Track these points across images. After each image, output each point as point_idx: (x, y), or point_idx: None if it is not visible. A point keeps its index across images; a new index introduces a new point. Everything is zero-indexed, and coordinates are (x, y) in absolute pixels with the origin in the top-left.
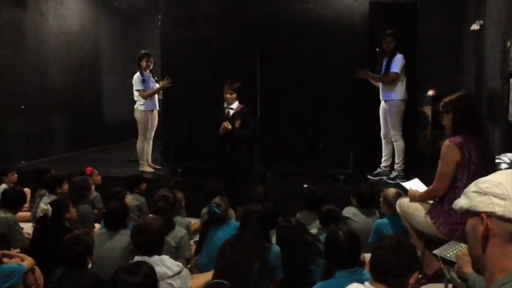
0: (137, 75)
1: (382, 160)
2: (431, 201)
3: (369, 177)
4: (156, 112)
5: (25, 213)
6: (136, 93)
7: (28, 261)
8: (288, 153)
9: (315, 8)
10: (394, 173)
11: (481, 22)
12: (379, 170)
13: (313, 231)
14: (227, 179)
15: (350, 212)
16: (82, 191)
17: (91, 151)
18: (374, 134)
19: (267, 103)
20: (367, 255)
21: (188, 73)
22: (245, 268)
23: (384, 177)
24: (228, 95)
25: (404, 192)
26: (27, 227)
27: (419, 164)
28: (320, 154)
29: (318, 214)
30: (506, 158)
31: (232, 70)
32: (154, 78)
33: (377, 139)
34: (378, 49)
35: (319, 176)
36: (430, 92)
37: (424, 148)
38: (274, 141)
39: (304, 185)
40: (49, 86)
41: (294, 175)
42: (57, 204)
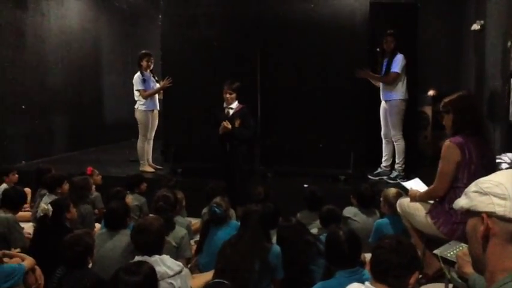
0: (138, 75)
1: (382, 160)
2: (431, 201)
3: (370, 177)
4: (157, 112)
5: (25, 213)
6: (136, 93)
7: (28, 261)
8: (288, 153)
9: (315, 8)
10: (395, 173)
11: (482, 22)
12: (379, 170)
13: (313, 231)
14: (227, 179)
15: (350, 212)
16: (82, 191)
17: (91, 151)
18: (374, 134)
19: (267, 103)
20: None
21: (188, 73)
22: (245, 268)
23: (385, 177)
24: (228, 95)
25: (404, 192)
26: (27, 227)
27: (419, 164)
28: (320, 154)
29: (319, 214)
30: (506, 158)
31: (232, 70)
32: (154, 78)
33: (377, 139)
34: (379, 49)
35: (319, 176)
36: (431, 92)
37: (425, 148)
38: (274, 141)
39: (304, 185)
40: (49, 86)
41: (295, 175)
42: (57, 204)
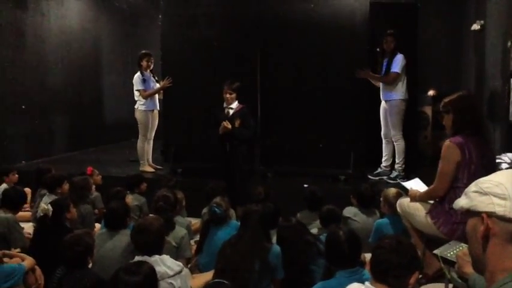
0: (138, 75)
1: (382, 160)
2: (431, 201)
3: (370, 177)
4: (157, 112)
5: (25, 213)
6: (136, 93)
7: (28, 261)
8: (289, 153)
9: (315, 8)
10: (395, 173)
11: (482, 22)
12: (379, 170)
13: (313, 231)
14: (227, 179)
15: (350, 212)
16: (82, 191)
17: (91, 151)
18: (374, 134)
19: (267, 103)
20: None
21: (188, 73)
22: (246, 268)
23: (385, 177)
24: (228, 95)
25: (404, 192)
26: (27, 227)
27: (419, 164)
28: (320, 154)
29: (319, 214)
30: (506, 158)
31: (232, 70)
32: (154, 78)
33: (377, 139)
34: (379, 49)
35: (319, 176)
36: (431, 92)
37: (425, 148)
38: (274, 141)
39: (304, 185)
40: (49, 86)
41: (295, 175)
42: (57, 204)
